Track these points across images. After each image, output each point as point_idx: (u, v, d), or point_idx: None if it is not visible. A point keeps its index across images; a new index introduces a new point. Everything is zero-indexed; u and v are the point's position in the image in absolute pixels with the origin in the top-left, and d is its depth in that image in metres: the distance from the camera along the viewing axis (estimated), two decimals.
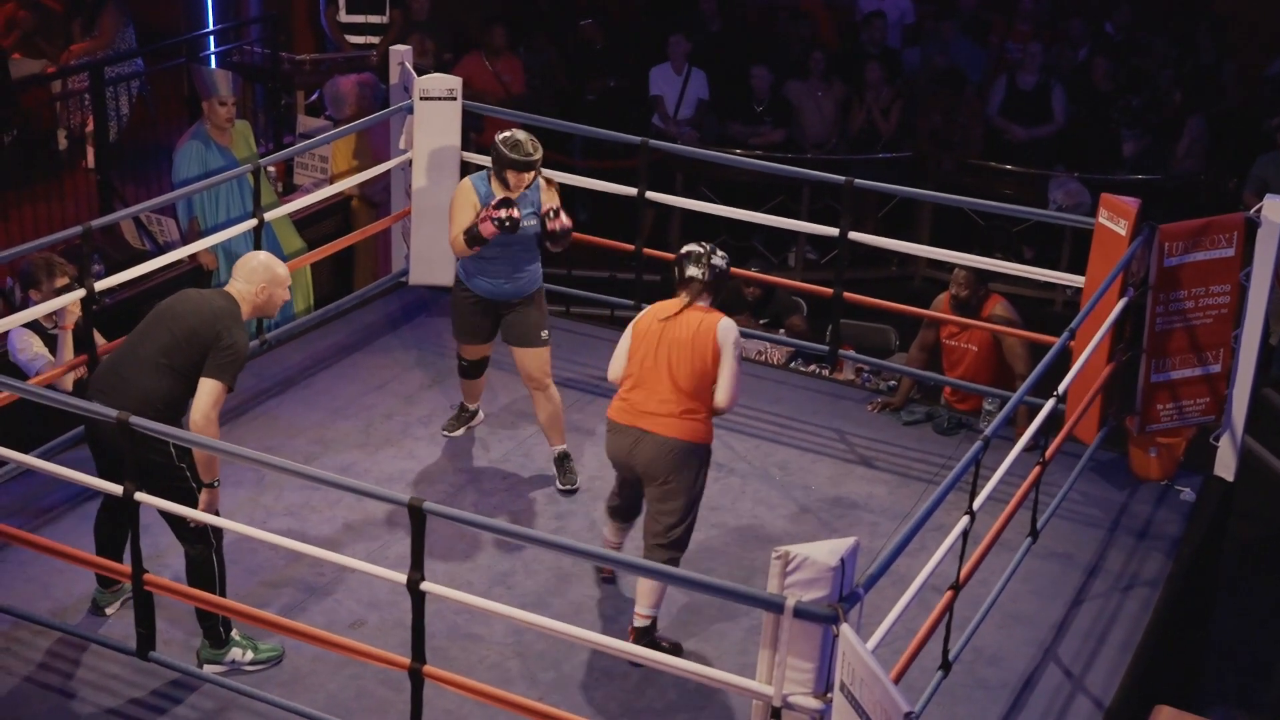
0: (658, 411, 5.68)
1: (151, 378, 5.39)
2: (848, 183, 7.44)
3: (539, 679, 5.63)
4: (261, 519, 6.39)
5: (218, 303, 5.52)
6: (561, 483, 6.90)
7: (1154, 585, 6.41)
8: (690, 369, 5.66)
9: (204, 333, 5.39)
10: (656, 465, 5.70)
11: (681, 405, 5.66)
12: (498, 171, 6.63)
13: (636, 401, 5.73)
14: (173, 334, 5.42)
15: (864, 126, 11.54)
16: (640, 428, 5.70)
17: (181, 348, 5.39)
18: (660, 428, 5.67)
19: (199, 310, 5.47)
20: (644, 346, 5.75)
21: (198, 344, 5.38)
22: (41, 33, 10.46)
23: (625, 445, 5.76)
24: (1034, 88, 11.41)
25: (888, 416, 7.72)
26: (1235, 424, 7.00)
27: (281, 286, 5.66)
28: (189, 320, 5.43)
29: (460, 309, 6.94)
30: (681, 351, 5.66)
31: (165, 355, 5.40)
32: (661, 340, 5.70)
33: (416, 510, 4.77)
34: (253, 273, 5.60)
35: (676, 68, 11.52)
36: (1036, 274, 7.85)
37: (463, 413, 7.31)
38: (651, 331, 5.74)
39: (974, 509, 5.35)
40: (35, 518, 6.35)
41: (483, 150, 9.42)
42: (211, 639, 5.55)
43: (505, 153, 6.57)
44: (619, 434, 5.78)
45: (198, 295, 5.63)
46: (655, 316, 5.78)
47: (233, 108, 8.37)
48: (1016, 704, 5.64)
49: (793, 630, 4.26)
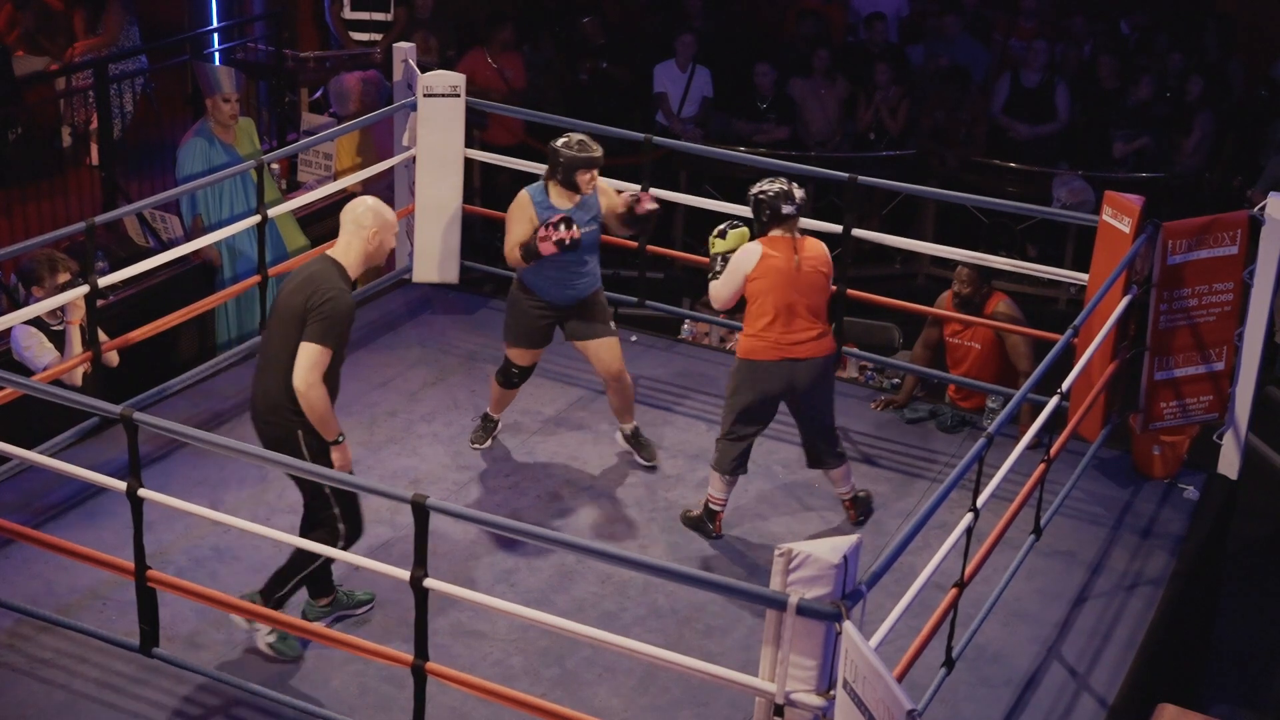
0: (805, 339, 6.26)
1: (279, 377, 5.36)
2: (851, 180, 7.44)
3: (542, 675, 5.63)
4: (265, 516, 6.39)
5: (311, 269, 5.45)
6: (644, 457, 7.04)
7: (1157, 583, 6.40)
8: (821, 294, 6.35)
9: (300, 308, 5.32)
10: (819, 384, 6.36)
11: (819, 327, 6.33)
12: (565, 176, 6.56)
13: (783, 337, 6.25)
14: (283, 326, 5.38)
15: (872, 125, 11.53)
16: (793, 358, 6.26)
17: (294, 335, 5.32)
18: (812, 351, 6.28)
19: (294, 291, 5.40)
20: (776, 288, 6.24)
21: (302, 321, 5.31)
22: (44, 30, 10.46)
23: (781, 380, 6.29)
24: (1038, 85, 11.40)
25: (891, 414, 7.72)
26: (1239, 422, 7.00)
27: (392, 231, 5.57)
28: (289, 308, 5.37)
29: (525, 317, 6.82)
30: (815, 281, 6.30)
31: (284, 349, 5.35)
32: (790, 278, 6.24)
33: (420, 507, 4.78)
34: (362, 217, 5.48)
35: (681, 65, 11.52)
36: (1040, 271, 7.85)
37: (488, 423, 7.18)
38: (777, 272, 6.24)
39: (977, 506, 5.35)
40: (39, 514, 6.36)
41: (487, 147, 9.50)
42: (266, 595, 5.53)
43: (576, 154, 6.53)
44: (774, 370, 6.28)
45: (295, 275, 5.50)
46: (774, 258, 6.24)
47: (236, 105, 8.38)
48: (1020, 702, 5.63)
49: (796, 627, 4.26)
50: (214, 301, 7.80)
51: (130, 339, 7.01)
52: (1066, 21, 12.34)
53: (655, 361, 8.13)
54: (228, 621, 5.69)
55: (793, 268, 6.23)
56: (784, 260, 6.24)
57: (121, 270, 7.08)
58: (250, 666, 5.54)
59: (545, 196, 6.63)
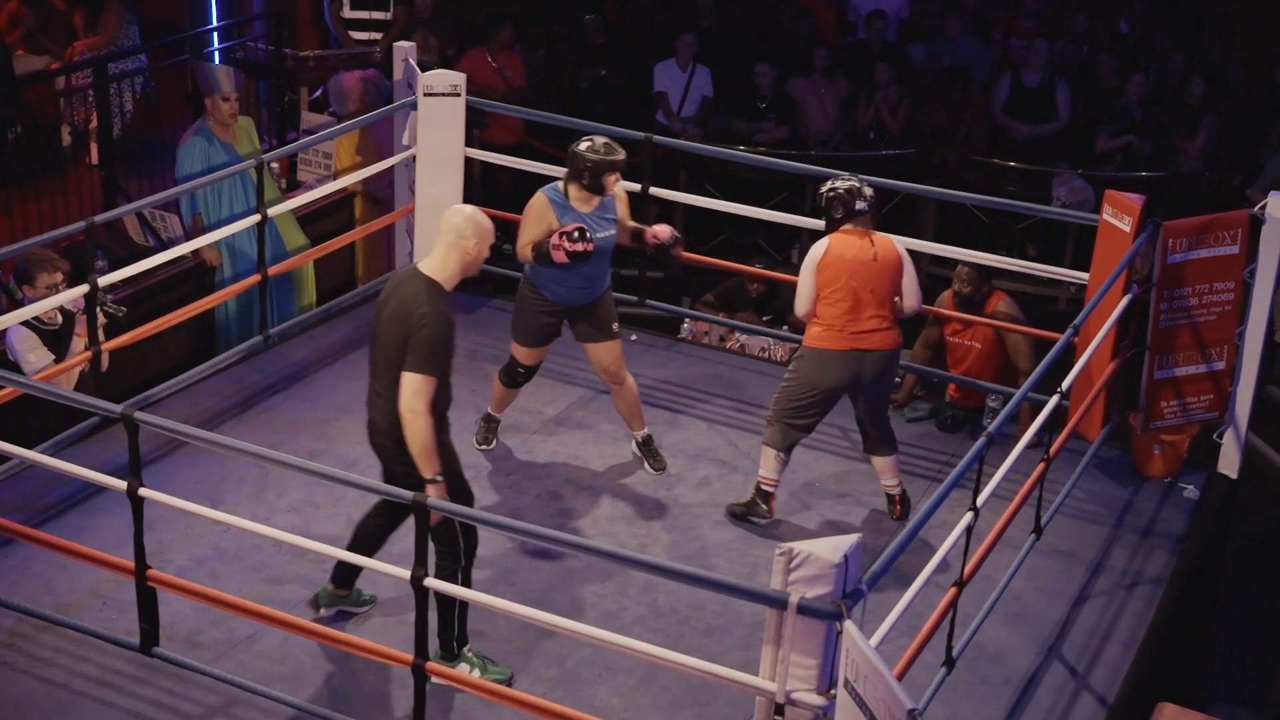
0: (875, 329, 6.36)
1: (392, 398, 5.29)
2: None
3: (542, 675, 5.63)
4: (265, 515, 6.39)
5: (403, 291, 5.32)
6: (653, 467, 7.02)
7: (1157, 583, 6.40)
8: (891, 287, 6.42)
9: (399, 336, 5.26)
10: (884, 376, 6.48)
11: (889, 320, 6.42)
12: (591, 180, 6.51)
13: (852, 327, 6.35)
14: (386, 351, 5.32)
15: (872, 124, 11.53)
16: (862, 348, 6.36)
17: (399, 361, 5.26)
18: (880, 343, 6.39)
19: (390, 318, 5.31)
20: (848, 277, 6.33)
21: (404, 348, 5.25)
22: (45, 29, 10.46)
23: (849, 369, 6.39)
24: (1038, 85, 11.40)
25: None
26: (1239, 421, 7.00)
27: (491, 239, 5.45)
28: (394, 327, 5.28)
29: (532, 315, 6.81)
30: (884, 274, 6.38)
31: (390, 368, 5.30)
32: (863, 268, 6.34)
33: (420, 506, 4.78)
34: (461, 227, 5.36)
35: (681, 64, 11.51)
36: (1040, 271, 7.86)
37: (490, 423, 7.18)
38: (849, 263, 6.34)
39: (977, 505, 5.35)
40: (39, 514, 6.35)
41: (487, 146, 9.49)
42: (445, 650, 5.46)
43: (603, 157, 6.49)
44: (842, 360, 6.37)
45: (398, 292, 5.35)
46: (847, 250, 6.35)
47: (235, 104, 8.37)
48: (1020, 701, 5.63)
49: (796, 627, 4.26)
50: (214, 301, 7.80)
51: (130, 338, 7.01)
52: (1067, 21, 12.34)
53: (655, 361, 8.13)
54: (227, 621, 5.69)
55: (867, 259, 6.33)
56: (856, 251, 6.34)
57: (121, 269, 7.07)
58: (251, 666, 5.54)
59: (564, 198, 6.59)
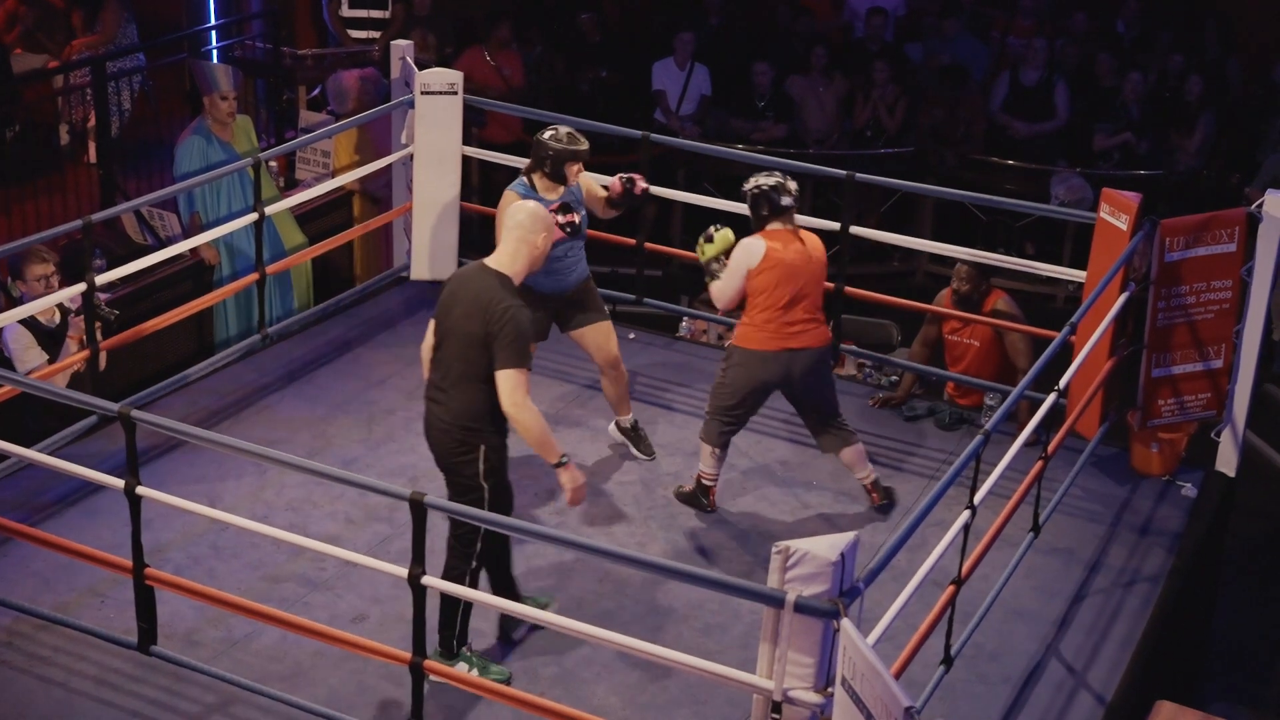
0: (805, 329, 6.35)
1: (463, 393, 5.32)
2: (849, 177, 7.44)
3: (540, 674, 5.63)
4: (263, 514, 6.39)
5: (475, 287, 5.33)
6: (642, 451, 7.07)
7: (1155, 581, 6.41)
8: (821, 286, 6.44)
9: (479, 333, 5.26)
10: (816, 372, 6.44)
11: (819, 316, 6.43)
12: (552, 169, 6.56)
13: (785, 328, 6.33)
14: (462, 349, 5.30)
15: (870, 122, 11.53)
16: (792, 347, 6.34)
17: (475, 358, 5.27)
18: (809, 340, 6.37)
19: (466, 316, 5.30)
20: (789, 279, 6.30)
21: (484, 345, 5.25)
22: (43, 28, 10.45)
23: (779, 368, 6.38)
24: (1037, 83, 11.40)
25: (889, 412, 7.72)
26: (1236, 419, 7.00)
27: (553, 233, 5.56)
28: (470, 324, 5.28)
29: None
30: (816, 274, 6.39)
31: (465, 365, 5.31)
32: (793, 267, 6.30)
33: (418, 505, 4.78)
34: (526, 224, 5.39)
35: (680, 63, 11.51)
36: (1038, 269, 7.85)
37: None
38: (789, 263, 6.30)
39: (975, 504, 5.35)
40: (37, 512, 6.35)
41: (485, 145, 9.49)
42: (444, 647, 5.48)
43: (565, 146, 6.56)
44: (772, 360, 6.36)
45: (467, 289, 5.36)
46: (784, 250, 6.30)
47: (234, 102, 8.37)
48: (1018, 699, 5.64)
49: (793, 625, 4.26)
50: (212, 299, 7.80)
51: (127, 337, 7.01)
52: (1065, 20, 12.33)
53: (653, 359, 8.13)
54: (225, 619, 5.69)
55: (803, 261, 6.32)
56: (790, 252, 6.31)
57: (119, 268, 7.07)
58: (249, 664, 5.54)
59: (531, 190, 6.64)
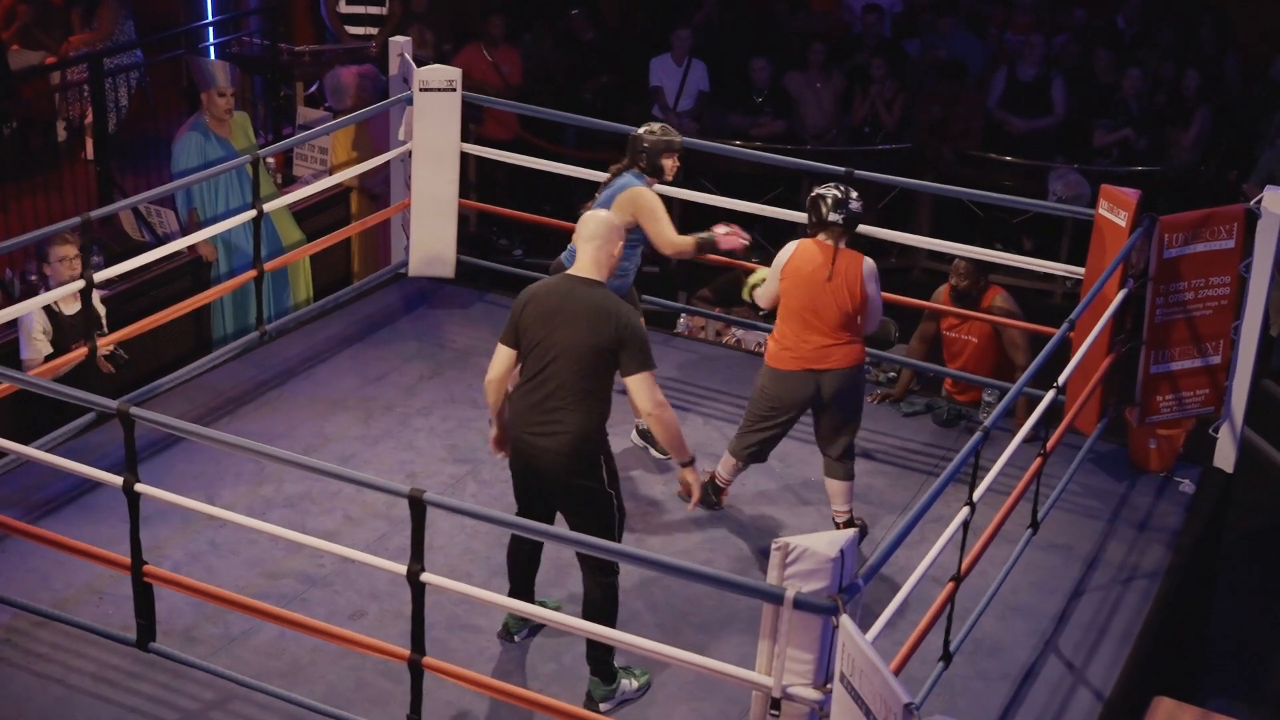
0: (829, 347, 6.23)
1: (586, 410, 5.31)
2: (847, 174, 7.43)
3: (538, 670, 5.63)
4: (261, 510, 6.39)
5: (593, 297, 5.30)
6: (660, 451, 7.05)
7: (1154, 577, 6.41)
8: (847, 308, 6.22)
9: (608, 344, 5.27)
10: (843, 392, 6.29)
11: (844, 337, 6.25)
12: (650, 162, 6.59)
13: (803, 347, 6.23)
14: (585, 353, 5.27)
15: (867, 119, 11.53)
16: (816, 368, 6.24)
17: (599, 373, 5.30)
18: (835, 361, 6.23)
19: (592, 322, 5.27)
20: (799, 292, 6.21)
21: (610, 358, 5.29)
22: (40, 24, 10.45)
23: (806, 388, 6.28)
24: (1034, 79, 11.40)
25: (888, 408, 7.72)
26: (1235, 415, 7.01)
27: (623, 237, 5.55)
28: (590, 336, 5.26)
29: None
30: (839, 295, 6.19)
31: (587, 381, 5.30)
32: (816, 285, 6.19)
33: (417, 501, 4.78)
34: (607, 232, 5.40)
35: (677, 59, 11.51)
36: (1036, 265, 7.85)
37: None
38: (803, 277, 6.20)
39: (974, 500, 5.35)
40: (36, 509, 6.35)
41: (483, 141, 9.48)
42: (604, 676, 5.46)
43: (660, 138, 6.59)
44: (794, 379, 6.28)
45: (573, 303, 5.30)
46: (805, 262, 6.22)
47: (231, 98, 8.37)
48: (1017, 695, 5.64)
49: (792, 621, 4.26)
50: (210, 296, 7.80)
51: (126, 334, 7.01)
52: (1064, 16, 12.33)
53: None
54: (224, 616, 5.69)
55: (821, 278, 6.17)
56: (813, 268, 6.19)
57: (117, 265, 7.07)
58: (247, 661, 5.54)
59: (644, 181, 6.63)
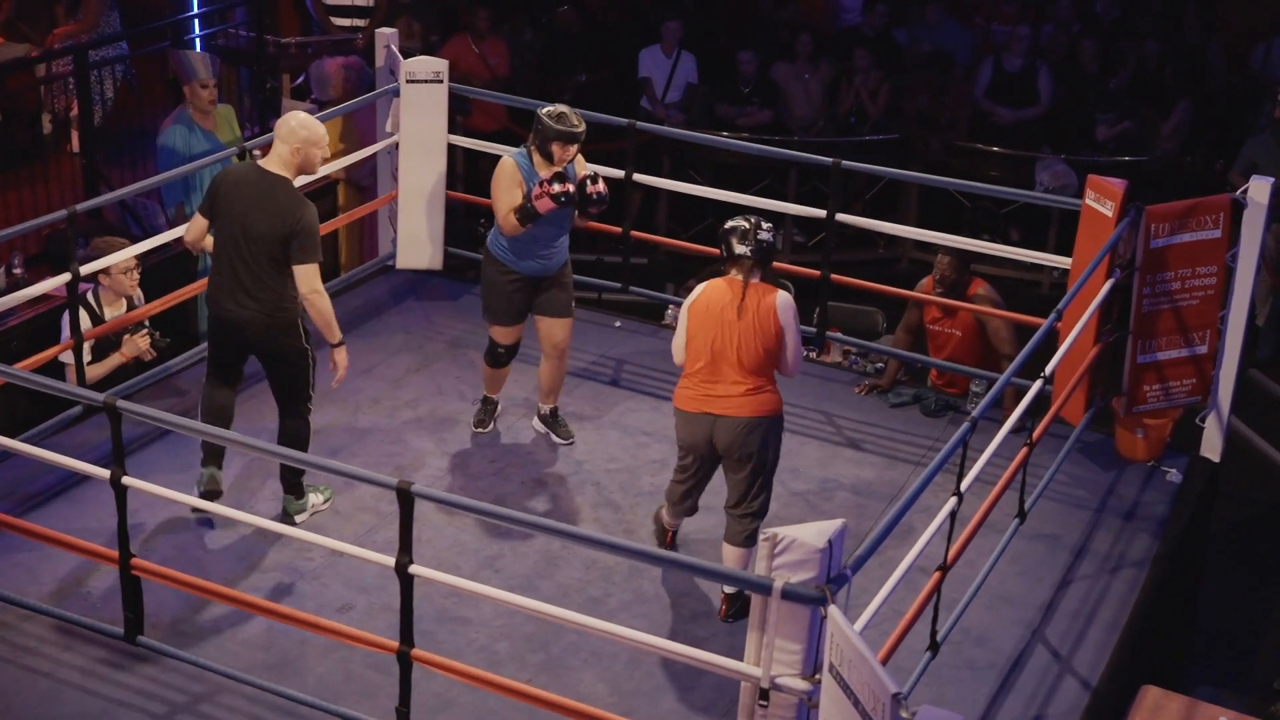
0: (731, 394, 5.72)
1: (274, 285, 5.94)
2: (835, 164, 7.44)
3: (527, 661, 5.63)
4: (249, 503, 6.38)
5: (276, 195, 5.89)
6: (560, 436, 7.07)
7: (1141, 566, 6.43)
8: (758, 349, 5.71)
9: (283, 234, 5.86)
10: (736, 445, 5.74)
11: (752, 383, 5.72)
12: (540, 145, 6.55)
13: (707, 388, 5.76)
14: (264, 247, 5.89)
15: (852, 109, 11.53)
16: (713, 413, 5.74)
17: (277, 255, 5.90)
18: (735, 409, 5.72)
19: (269, 219, 5.87)
20: (706, 331, 5.75)
21: (284, 245, 5.88)
22: (25, 16, 10.39)
23: (703, 432, 5.79)
24: (1020, 70, 11.40)
25: (875, 399, 7.73)
26: (1221, 405, 7.02)
27: (319, 146, 5.97)
28: (270, 229, 5.86)
29: (502, 292, 6.80)
30: (747, 333, 5.70)
31: (272, 262, 5.91)
32: (724, 323, 5.71)
33: (404, 493, 4.78)
34: (290, 133, 5.89)
35: (666, 50, 11.49)
36: (1023, 255, 7.87)
37: (487, 405, 7.19)
38: (712, 315, 5.74)
39: (961, 490, 5.36)
40: (23, 502, 6.34)
41: (470, 133, 9.47)
42: (296, 493, 6.28)
43: (551, 124, 6.50)
44: (694, 422, 5.80)
45: (258, 199, 5.90)
46: (713, 299, 5.75)
47: (214, 90, 8.35)
48: (1004, 685, 5.65)
49: (781, 612, 4.27)
50: (196, 289, 7.77)
51: (112, 326, 7.00)
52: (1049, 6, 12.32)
53: (638, 347, 8.13)
54: (211, 609, 5.68)
55: (731, 316, 5.69)
56: (723, 306, 5.72)
57: (103, 258, 7.05)
58: (235, 654, 5.54)
59: (529, 163, 6.61)
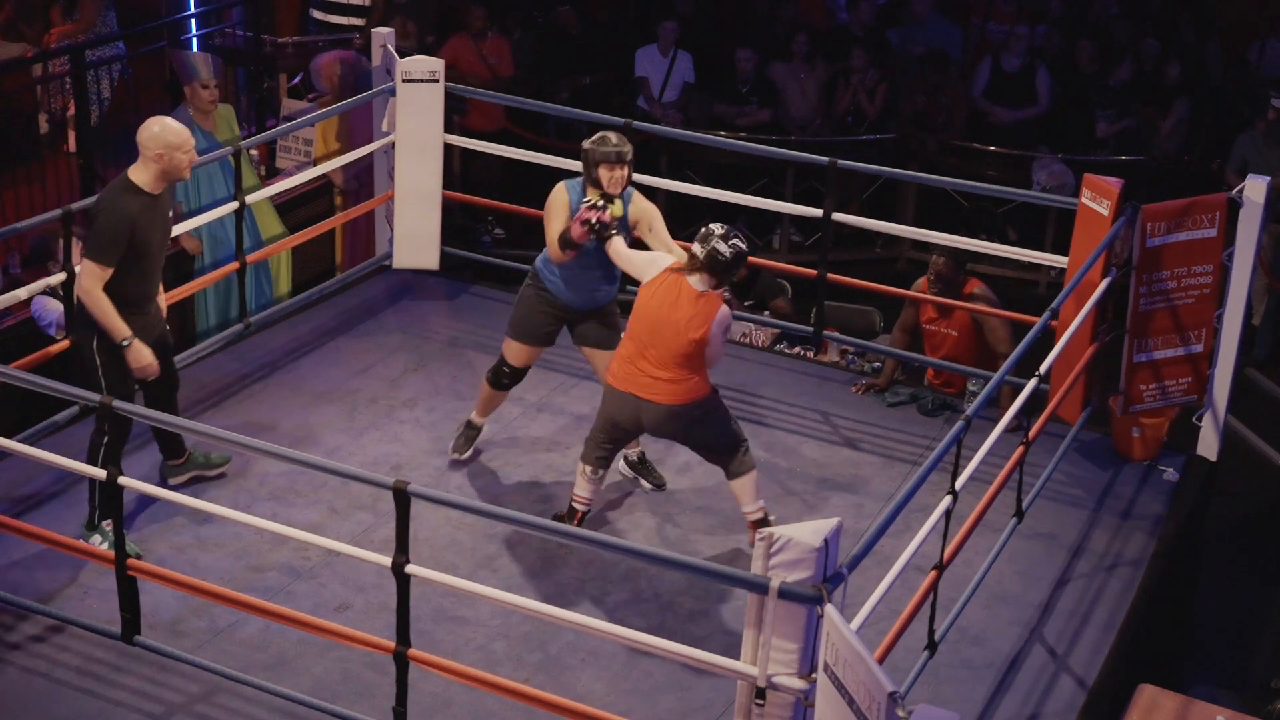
0: (656, 379, 5.87)
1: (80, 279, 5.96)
2: (831, 164, 7.44)
3: (525, 661, 5.63)
4: (245, 503, 6.38)
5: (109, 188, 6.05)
6: (651, 482, 6.74)
7: (1137, 565, 6.43)
8: (678, 350, 5.81)
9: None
10: (665, 431, 6.02)
11: (672, 374, 5.86)
12: (587, 172, 6.29)
13: (632, 367, 5.91)
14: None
15: (849, 109, 11.53)
16: (638, 395, 5.91)
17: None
18: (659, 395, 5.88)
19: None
20: (644, 315, 5.86)
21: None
22: (22, 16, 10.40)
23: (629, 410, 5.97)
24: (1018, 70, 11.41)
25: (872, 398, 7.73)
26: (1217, 404, 7.03)
27: (179, 150, 6.01)
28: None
29: (534, 312, 6.55)
30: (680, 333, 5.79)
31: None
32: (659, 315, 5.82)
33: (401, 493, 4.78)
34: (151, 139, 6.03)
35: (663, 50, 11.50)
36: (1020, 255, 7.87)
37: (470, 430, 6.89)
38: (654, 301, 5.85)
39: (957, 489, 5.37)
40: (19, 503, 6.33)
41: (467, 133, 9.47)
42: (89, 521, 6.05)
43: (594, 148, 6.24)
44: (619, 399, 5.98)
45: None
46: (661, 287, 5.85)
47: (215, 90, 8.34)
48: (1001, 684, 5.66)
49: (777, 611, 4.27)
50: (193, 288, 7.78)
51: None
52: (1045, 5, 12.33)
53: None
54: (209, 609, 5.68)
55: (664, 313, 5.78)
56: (660, 300, 5.81)
57: None
58: (232, 654, 5.54)
59: (580, 193, 6.36)
